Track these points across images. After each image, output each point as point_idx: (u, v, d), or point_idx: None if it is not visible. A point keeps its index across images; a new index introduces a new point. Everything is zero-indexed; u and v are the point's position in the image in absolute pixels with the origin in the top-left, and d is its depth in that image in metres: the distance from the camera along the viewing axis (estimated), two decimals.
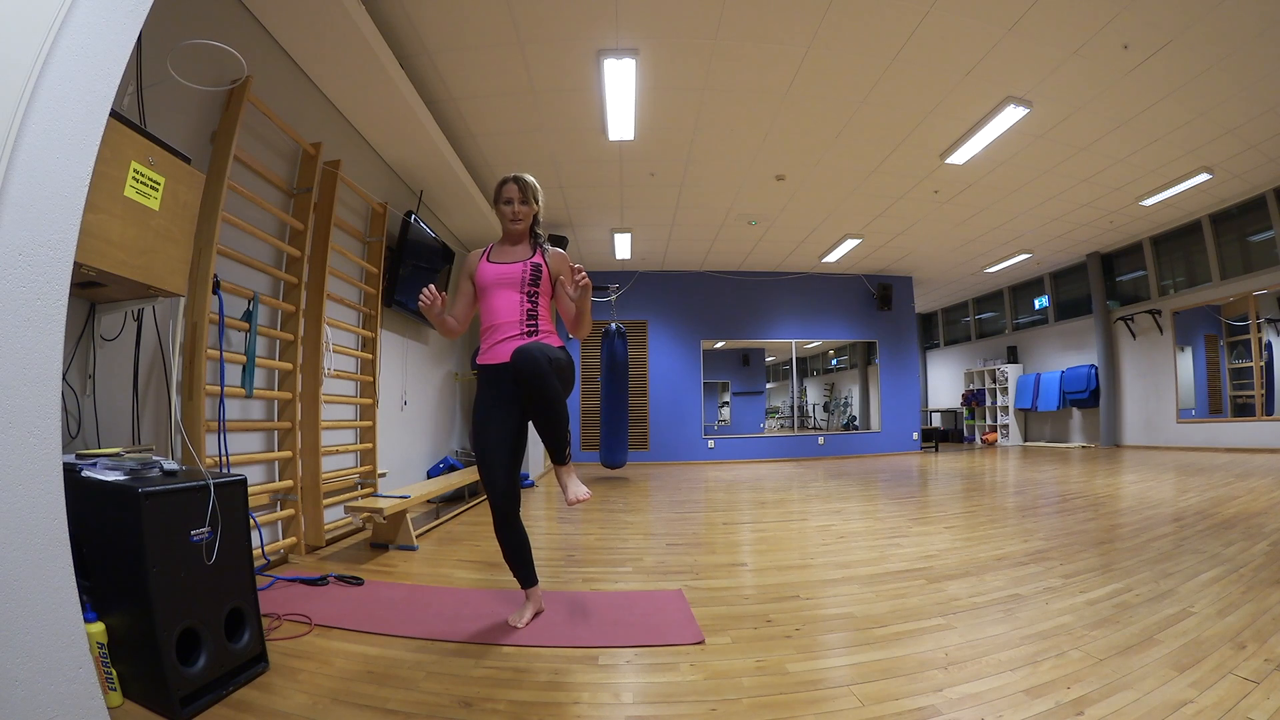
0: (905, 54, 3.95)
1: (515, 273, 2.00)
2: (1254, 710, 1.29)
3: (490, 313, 2.01)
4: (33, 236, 1.08)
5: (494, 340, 1.99)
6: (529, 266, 2.01)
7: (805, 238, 7.82)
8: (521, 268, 2.00)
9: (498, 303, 2.00)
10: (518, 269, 2.00)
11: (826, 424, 11.80)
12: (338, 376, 3.49)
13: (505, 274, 2.01)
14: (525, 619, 2.02)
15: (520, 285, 1.99)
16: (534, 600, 2.10)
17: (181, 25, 2.23)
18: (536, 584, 2.12)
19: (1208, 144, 5.43)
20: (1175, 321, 8.34)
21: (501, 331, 1.98)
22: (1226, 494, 4.26)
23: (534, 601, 2.09)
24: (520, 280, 1.99)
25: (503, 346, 1.96)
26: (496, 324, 1.99)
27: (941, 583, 2.39)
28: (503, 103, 4.43)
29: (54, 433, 1.10)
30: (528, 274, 2.00)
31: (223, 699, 1.49)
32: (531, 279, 2.00)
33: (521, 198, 2.05)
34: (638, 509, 4.65)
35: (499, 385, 1.97)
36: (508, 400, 1.97)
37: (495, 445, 1.96)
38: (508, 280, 2.00)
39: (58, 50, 1.11)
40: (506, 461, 1.97)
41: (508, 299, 1.99)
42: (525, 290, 1.99)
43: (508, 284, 2.00)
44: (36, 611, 1.04)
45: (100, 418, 1.95)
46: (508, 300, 1.99)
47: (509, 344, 1.94)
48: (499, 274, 2.01)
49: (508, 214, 2.05)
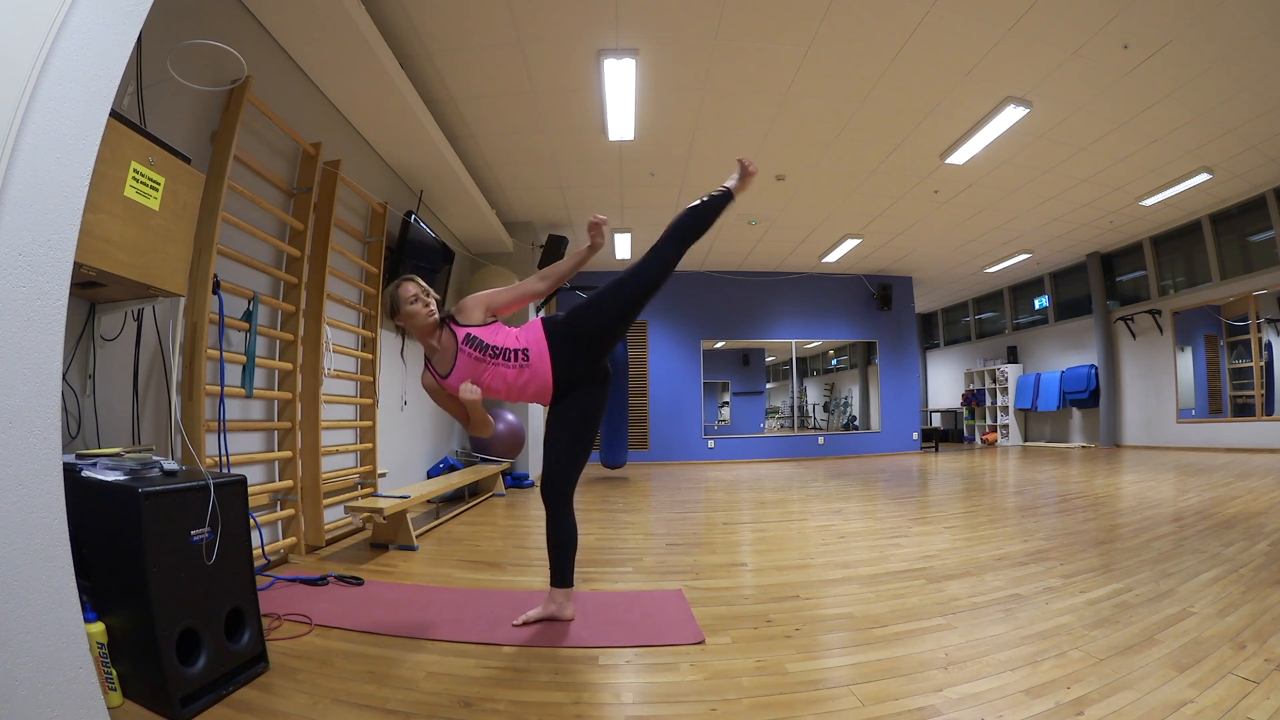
0: (905, 54, 3.95)
1: (466, 364, 1.94)
2: (1254, 710, 1.29)
3: (497, 395, 2.00)
4: (33, 236, 1.08)
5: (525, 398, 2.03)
6: (466, 346, 1.93)
7: (805, 238, 7.82)
8: (465, 356, 1.93)
9: (490, 384, 1.96)
10: (464, 360, 1.93)
11: (826, 424, 11.80)
12: (338, 376, 3.49)
13: (464, 371, 1.94)
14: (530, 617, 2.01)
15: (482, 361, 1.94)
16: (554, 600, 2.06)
17: (181, 25, 2.23)
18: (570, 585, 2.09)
19: (1208, 144, 5.43)
20: (1175, 321, 8.34)
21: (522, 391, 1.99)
22: (1226, 494, 4.26)
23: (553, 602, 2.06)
24: (475, 364, 1.93)
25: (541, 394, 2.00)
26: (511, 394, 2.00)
27: (941, 583, 2.39)
28: (503, 103, 4.43)
29: (54, 433, 1.10)
30: (473, 353, 1.93)
31: (223, 699, 1.49)
32: (478, 349, 1.93)
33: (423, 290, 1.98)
34: (638, 509, 4.65)
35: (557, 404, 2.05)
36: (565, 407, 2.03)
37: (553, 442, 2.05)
38: (472, 372, 1.94)
39: (58, 50, 1.11)
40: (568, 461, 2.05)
41: (491, 375, 1.95)
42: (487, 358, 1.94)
43: (475, 373, 1.94)
44: (36, 611, 1.04)
45: (100, 418, 1.95)
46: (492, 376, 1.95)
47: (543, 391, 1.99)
48: (461, 376, 1.94)
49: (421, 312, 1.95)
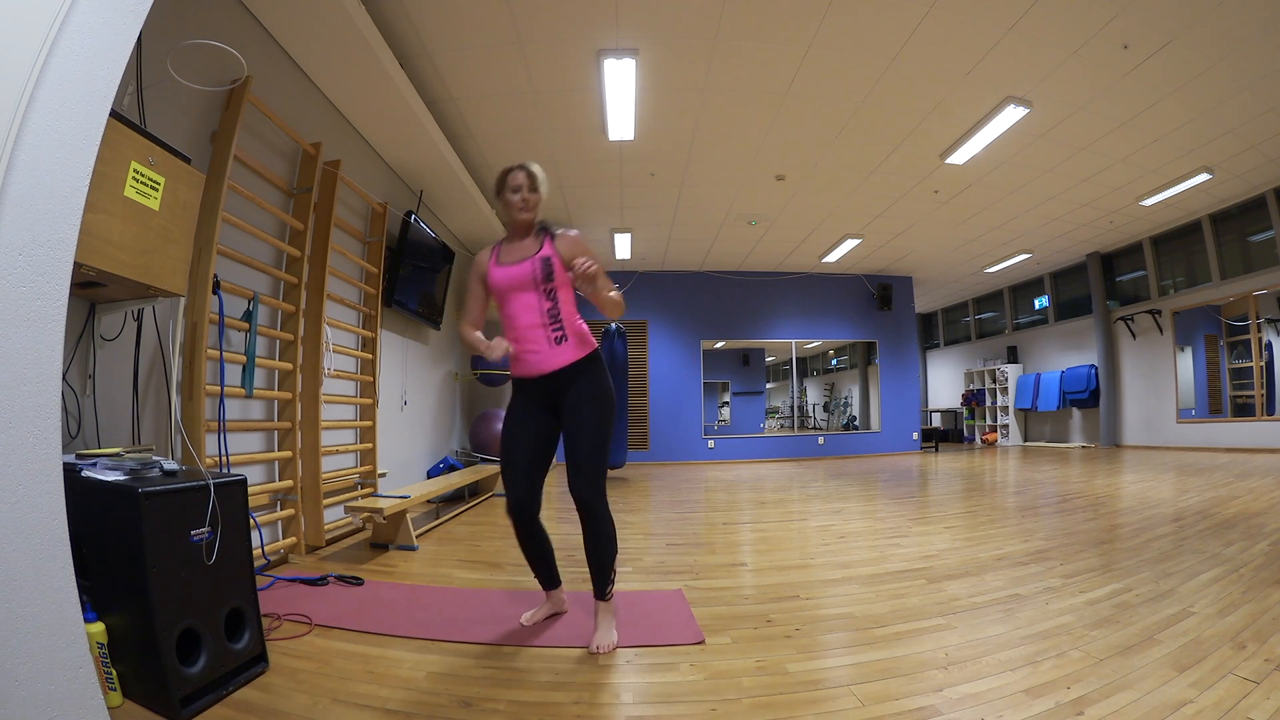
0: (905, 54, 3.95)
1: (525, 273, 1.85)
2: (1254, 710, 1.29)
3: (510, 320, 1.89)
4: (33, 236, 1.08)
5: (525, 350, 1.87)
6: (538, 263, 1.85)
7: (805, 238, 7.82)
8: (530, 267, 1.85)
9: (515, 308, 1.87)
10: (527, 268, 1.85)
11: (826, 424, 11.80)
12: (338, 376, 3.49)
13: (516, 276, 1.86)
14: (536, 616, 2.03)
15: (534, 284, 1.84)
16: (553, 602, 2.07)
17: (181, 25, 2.23)
18: (558, 586, 2.08)
19: (1208, 144, 5.43)
20: (1175, 321, 8.34)
21: (527, 341, 1.86)
22: (1226, 494, 4.26)
23: (553, 603, 2.07)
24: (532, 279, 1.84)
25: (531, 359, 1.86)
26: (518, 332, 1.87)
27: (941, 583, 2.39)
28: (503, 103, 4.43)
29: (54, 433, 1.10)
30: (539, 271, 1.84)
31: (223, 699, 1.49)
32: (544, 274, 1.84)
33: (530, 185, 1.89)
34: (638, 509, 4.64)
35: (534, 395, 1.91)
36: (539, 411, 1.91)
37: (521, 446, 1.90)
38: (519, 282, 1.85)
39: (58, 50, 1.11)
40: (529, 470, 1.90)
41: (524, 303, 1.86)
42: (541, 289, 1.85)
43: (520, 286, 1.86)
44: (36, 611, 1.04)
45: (100, 418, 1.95)
46: (525, 304, 1.86)
47: (541, 356, 1.85)
48: (509, 278, 1.87)
49: (515, 203, 1.89)
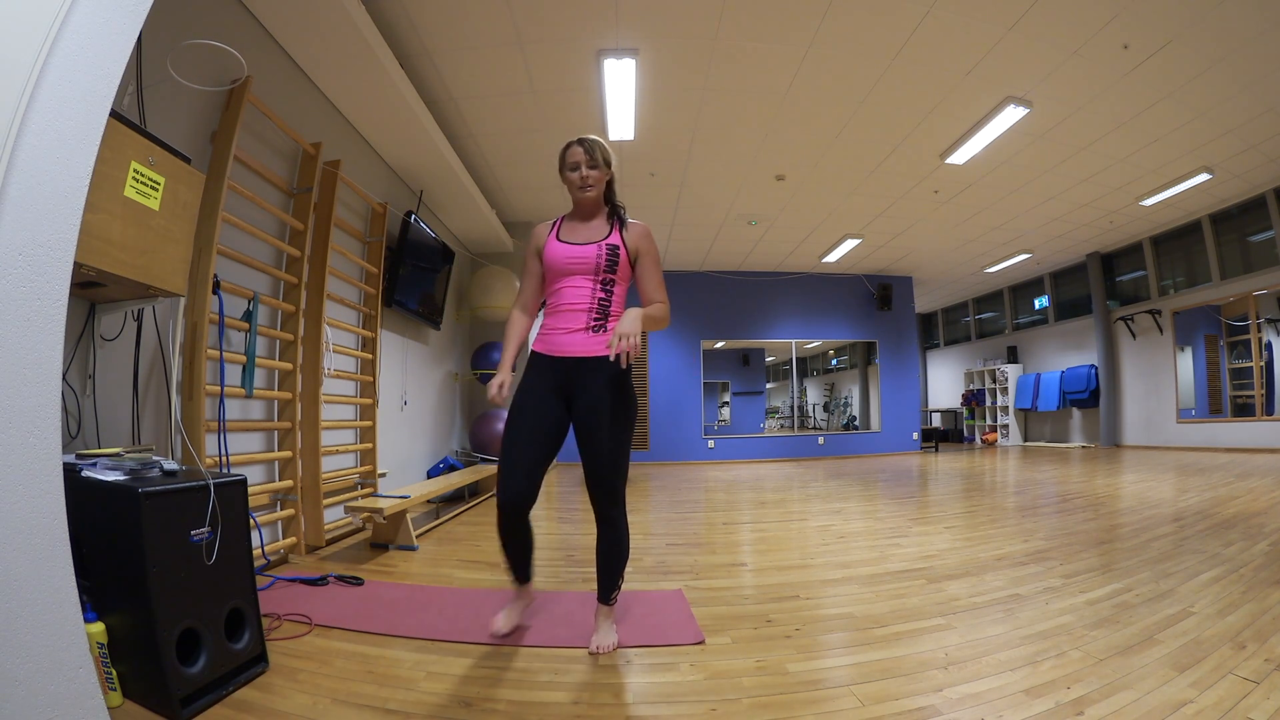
0: (905, 54, 3.95)
1: (589, 256, 1.73)
2: (1254, 710, 1.29)
3: (557, 297, 1.78)
4: (33, 236, 1.08)
5: (556, 327, 1.76)
6: (604, 249, 1.73)
7: (805, 238, 7.82)
8: (596, 250, 1.73)
9: (566, 289, 1.76)
10: (591, 252, 1.73)
11: (826, 424, 11.80)
12: (338, 376, 3.49)
13: (577, 257, 1.74)
14: (510, 621, 1.89)
15: (594, 271, 1.73)
16: (524, 598, 1.98)
17: (181, 25, 2.23)
18: (530, 580, 1.98)
19: (1208, 144, 5.43)
20: (1175, 321, 8.34)
21: (566, 320, 1.75)
22: (1226, 494, 4.26)
23: (523, 599, 1.98)
24: (594, 265, 1.72)
25: (565, 339, 1.74)
26: (561, 310, 1.76)
27: (941, 583, 2.39)
28: (503, 103, 4.43)
29: (54, 433, 1.10)
30: (603, 258, 1.72)
31: (223, 699, 1.49)
32: (608, 264, 1.72)
33: (589, 160, 1.75)
34: (638, 509, 4.64)
35: (549, 377, 1.76)
36: (553, 396, 1.76)
37: (526, 440, 1.74)
38: (579, 265, 1.74)
39: (58, 50, 1.11)
40: (531, 460, 1.73)
41: (578, 286, 1.74)
42: (599, 278, 1.73)
43: (579, 269, 1.74)
44: (36, 611, 1.04)
45: (100, 418, 1.95)
46: (577, 289, 1.74)
47: (573, 337, 1.73)
48: (570, 257, 1.74)
49: (575, 181, 1.76)
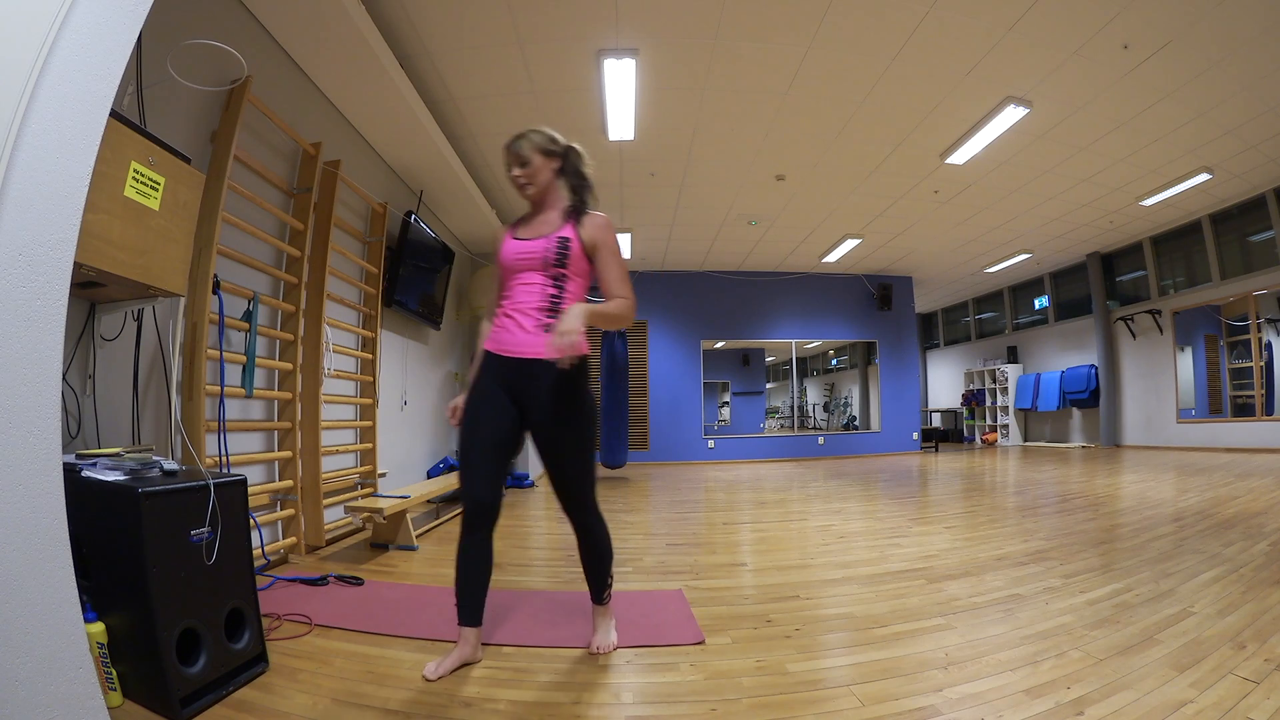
0: (905, 54, 3.95)
1: (537, 250, 1.67)
2: (1254, 710, 1.29)
3: (509, 296, 1.72)
4: (33, 236, 1.08)
5: (505, 326, 1.69)
6: (554, 242, 1.66)
7: (805, 238, 7.82)
8: (544, 245, 1.67)
9: (517, 289, 1.70)
10: (539, 246, 1.67)
11: (826, 424, 11.80)
12: (338, 376, 3.49)
13: (526, 253, 1.69)
14: (443, 668, 1.62)
15: (543, 266, 1.66)
16: (468, 642, 1.68)
17: (181, 25, 2.23)
18: (479, 625, 1.71)
19: (1208, 144, 5.43)
20: (1175, 321, 8.34)
21: (517, 318, 1.67)
22: (1226, 494, 4.26)
23: (468, 644, 1.68)
24: (542, 260, 1.66)
25: (513, 338, 1.66)
26: (511, 308, 1.70)
27: (941, 583, 2.39)
28: (503, 103, 4.43)
29: (54, 433, 1.10)
30: (552, 252, 1.65)
31: (223, 699, 1.49)
32: (557, 258, 1.65)
33: (517, 160, 1.71)
34: (638, 509, 4.64)
35: (499, 377, 1.69)
36: (506, 399, 1.67)
37: (480, 451, 1.65)
38: (528, 260, 1.68)
39: (58, 50, 1.11)
40: (491, 469, 1.66)
41: (529, 283, 1.68)
42: (548, 273, 1.66)
43: (529, 265, 1.68)
44: (36, 611, 1.04)
45: (100, 418, 1.95)
46: (528, 284, 1.68)
47: (523, 337, 1.65)
48: (519, 253, 1.69)
49: (516, 181, 1.73)
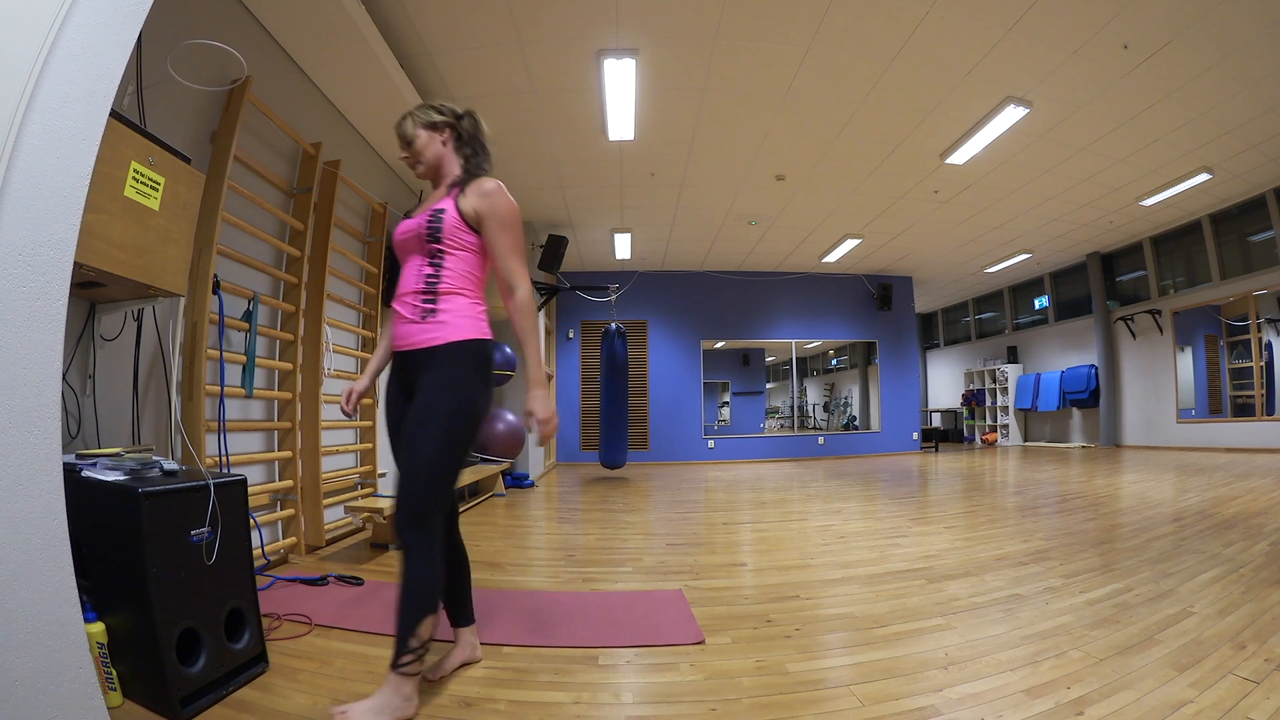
0: (905, 54, 3.95)
1: (413, 229, 1.53)
2: (1254, 710, 1.29)
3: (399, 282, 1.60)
4: (33, 236, 1.08)
5: (395, 316, 1.55)
6: (426, 217, 1.52)
7: (805, 238, 7.82)
8: (418, 223, 1.52)
9: (403, 271, 1.57)
10: (415, 224, 1.54)
11: (826, 424, 11.80)
12: (338, 376, 3.49)
13: (405, 233, 1.56)
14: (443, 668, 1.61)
15: (419, 243, 1.52)
16: (465, 642, 1.68)
17: (181, 25, 2.23)
18: (471, 623, 1.69)
19: (1208, 144, 5.43)
20: (1175, 321, 8.34)
21: (403, 307, 1.53)
22: (1226, 494, 4.26)
23: (465, 644, 1.68)
24: (418, 237, 1.52)
25: (399, 329, 1.53)
26: (398, 295, 1.55)
27: (941, 583, 2.39)
28: (503, 103, 4.43)
29: (54, 433, 1.10)
30: (423, 228, 1.50)
31: (223, 699, 1.49)
32: (429, 233, 1.49)
33: (402, 142, 1.61)
34: (637, 509, 4.64)
35: (395, 375, 1.59)
36: (404, 398, 1.55)
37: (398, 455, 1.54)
38: (408, 241, 1.55)
39: (58, 50, 1.11)
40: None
41: (411, 266, 1.55)
42: (425, 249, 1.52)
43: (408, 246, 1.56)
44: (36, 611, 1.04)
45: (100, 418, 1.95)
46: (411, 268, 1.55)
47: (406, 328, 1.51)
48: (401, 235, 1.57)
49: (408, 164, 1.64)
